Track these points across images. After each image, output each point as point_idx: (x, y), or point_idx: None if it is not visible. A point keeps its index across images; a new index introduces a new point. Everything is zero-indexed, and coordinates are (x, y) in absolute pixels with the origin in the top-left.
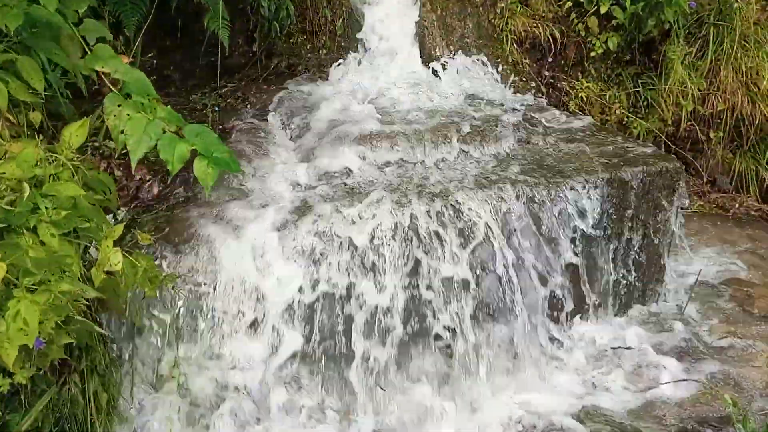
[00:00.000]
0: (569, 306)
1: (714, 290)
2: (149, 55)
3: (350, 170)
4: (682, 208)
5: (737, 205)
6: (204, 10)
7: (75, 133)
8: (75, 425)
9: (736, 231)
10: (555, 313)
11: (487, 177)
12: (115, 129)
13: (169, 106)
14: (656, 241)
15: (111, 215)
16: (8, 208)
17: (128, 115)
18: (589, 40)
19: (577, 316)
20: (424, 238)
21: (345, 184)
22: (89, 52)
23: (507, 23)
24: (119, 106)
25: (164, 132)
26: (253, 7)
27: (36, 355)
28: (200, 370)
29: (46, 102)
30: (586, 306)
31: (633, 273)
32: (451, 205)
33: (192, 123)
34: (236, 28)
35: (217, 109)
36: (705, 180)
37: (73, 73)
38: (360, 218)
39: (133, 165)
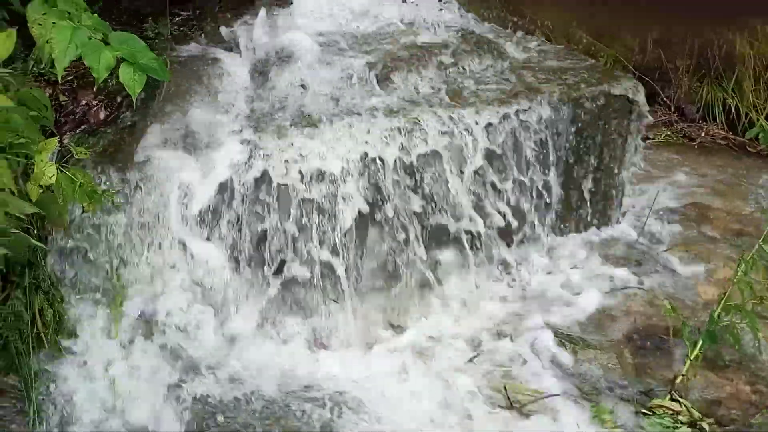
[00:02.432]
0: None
1: (673, 213)
2: None
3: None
4: (648, 138)
5: (703, 134)
6: None
7: (2, 45)
8: (20, 340)
9: (700, 159)
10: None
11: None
12: (41, 38)
13: (96, 15)
14: (614, 164)
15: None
16: None
17: (53, 23)
18: None
19: (533, 236)
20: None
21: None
22: None
23: None
24: (44, 14)
25: (90, 39)
26: None
27: None
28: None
29: None
30: (543, 226)
31: (590, 195)
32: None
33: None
34: None
35: (169, 36)
36: (672, 109)
37: None
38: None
39: (59, 73)
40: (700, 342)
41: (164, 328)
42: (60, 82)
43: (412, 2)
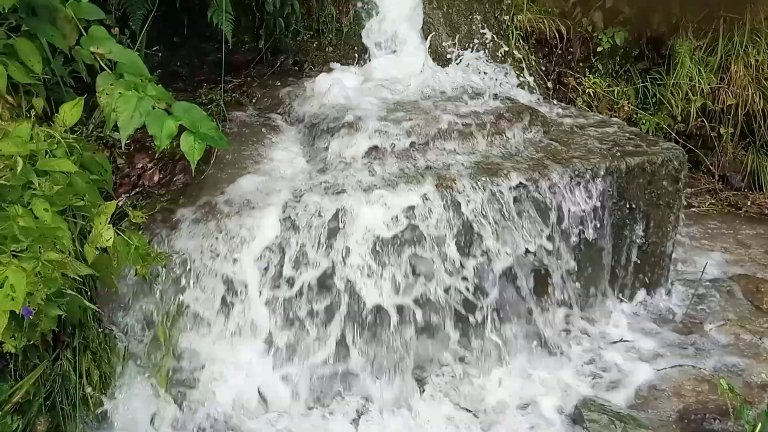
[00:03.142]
0: (569, 294)
1: (722, 285)
2: (155, 49)
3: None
4: (693, 207)
5: (749, 203)
6: (209, 4)
7: (70, 112)
8: (67, 400)
9: (747, 229)
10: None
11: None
12: (107, 107)
13: (160, 86)
14: (660, 233)
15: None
16: (3, 183)
17: (120, 93)
18: (595, 35)
19: (580, 305)
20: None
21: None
22: (85, 35)
23: (513, 19)
24: (111, 84)
25: (154, 109)
26: (259, 3)
27: (27, 325)
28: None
29: (49, 90)
30: (590, 296)
31: (637, 265)
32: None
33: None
34: (242, 25)
35: (222, 102)
36: (717, 178)
37: (73, 58)
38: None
39: (123, 141)
40: (760, 424)
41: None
42: (122, 148)
43: (459, 67)
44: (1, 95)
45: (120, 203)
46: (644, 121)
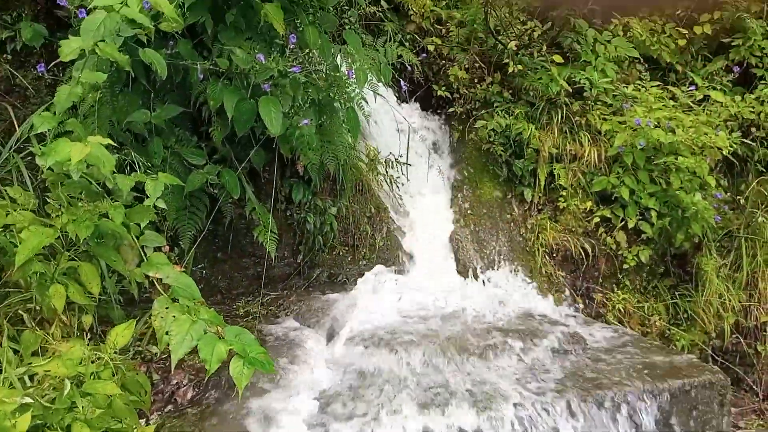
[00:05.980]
0: None
1: None
2: (200, 266)
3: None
4: (740, 428)
5: None
6: (254, 225)
7: (121, 334)
8: None
9: None
10: None
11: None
12: (160, 330)
13: (212, 310)
14: None
15: (144, 420)
16: (47, 405)
17: (174, 316)
18: (620, 253)
19: None
20: None
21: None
22: (145, 260)
23: (538, 237)
24: (167, 308)
25: (205, 333)
26: (300, 223)
27: None
28: None
29: (97, 306)
30: None
31: None
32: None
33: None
34: (283, 241)
35: (258, 315)
36: (761, 397)
37: (128, 280)
38: None
39: (173, 364)
40: None
41: None
42: (172, 371)
43: (487, 283)
44: (57, 315)
45: (152, 421)
46: (678, 338)
